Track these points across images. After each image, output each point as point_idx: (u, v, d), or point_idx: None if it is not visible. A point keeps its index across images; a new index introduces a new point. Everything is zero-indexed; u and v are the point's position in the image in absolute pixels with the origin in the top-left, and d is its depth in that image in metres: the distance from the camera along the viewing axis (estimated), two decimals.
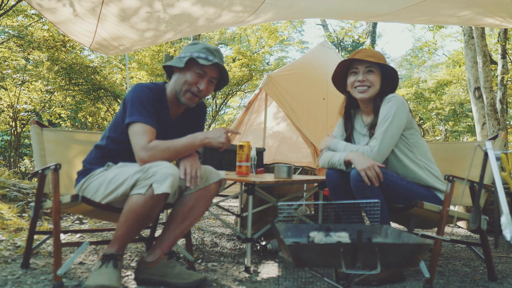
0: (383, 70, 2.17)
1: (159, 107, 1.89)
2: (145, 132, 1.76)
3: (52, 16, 3.28)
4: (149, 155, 1.71)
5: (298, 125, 5.03)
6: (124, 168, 1.77)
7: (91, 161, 1.94)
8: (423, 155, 2.14)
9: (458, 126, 12.11)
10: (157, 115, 1.87)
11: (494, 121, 6.13)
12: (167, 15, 3.37)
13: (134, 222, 1.65)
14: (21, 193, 3.62)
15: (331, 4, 3.40)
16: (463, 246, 2.93)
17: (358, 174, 1.94)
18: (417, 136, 2.16)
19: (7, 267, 1.96)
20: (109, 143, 1.93)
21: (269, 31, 11.01)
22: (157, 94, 1.90)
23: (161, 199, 1.65)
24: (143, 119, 1.77)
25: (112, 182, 1.74)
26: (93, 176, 1.86)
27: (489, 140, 2.30)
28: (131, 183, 1.66)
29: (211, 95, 11.14)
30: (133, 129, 1.77)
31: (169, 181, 1.62)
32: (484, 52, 6.29)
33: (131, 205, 1.64)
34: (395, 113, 2.04)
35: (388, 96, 2.12)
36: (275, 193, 2.99)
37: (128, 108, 1.81)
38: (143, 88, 1.86)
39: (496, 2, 2.91)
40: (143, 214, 1.64)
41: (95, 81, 8.36)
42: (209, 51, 1.90)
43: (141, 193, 1.62)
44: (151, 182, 1.62)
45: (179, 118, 2.02)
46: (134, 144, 1.75)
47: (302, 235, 1.63)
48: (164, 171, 1.63)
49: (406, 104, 2.11)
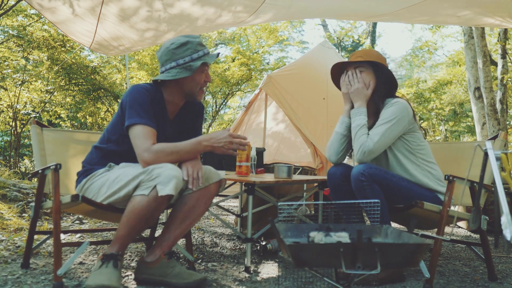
0: (376, 68, 2.15)
1: (157, 107, 1.88)
2: (146, 134, 1.75)
3: (52, 16, 3.28)
4: (153, 158, 1.71)
5: (298, 125, 5.03)
6: (127, 169, 1.77)
7: (92, 161, 1.94)
8: (425, 157, 2.14)
9: (458, 126, 12.11)
10: (155, 115, 1.86)
11: (494, 121, 6.13)
12: (167, 15, 3.37)
13: (136, 223, 1.65)
14: (21, 193, 3.62)
15: (331, 4, 3.40)
16: (463, 246, 2.93)
17: (359, 174, 1.94)
18: (419, 138, 2.15)
19: (7, 267, 1.96)
20: (109, 145, 1.92)
21: (268, 31, 11.00)
22: (154, 94, 1.88)
23: (165, 201, 1.65)
24: (143, 120, 1.77)
25: (115, 183, 1.73)
26: (95, 176, 1.86)
27: (489, 140, 2.30)
28: (135, 184, 1.66)
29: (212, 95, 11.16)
30: (134, 132, 1.76)
31: (173, 183, 1.62)
32: (484, 52, 6.29)
33: (134, 205, 1.64)
34: (396, 118, 2.03)
35: (393, 100, 2.10)
36: (275, 193, 2.99)
37: (127, 110, 1.79)
38: (140, 89, 1.85)
39: (496, 2, 2.91)
40: (146, 215, 1.64)
41: (95, 81, 8.36)
42: (202, 45, 1.89)
43: (145, 194, 1.62)
44: (155, 183, 1.62)
45: (176, 117, 2.01)
46: (137, 146, 1.74)
47: (302, 235, 1.63)
48: (169, 172, 1.63)
49: (409, 109, 2.09)
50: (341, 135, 2.19)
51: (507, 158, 1.65)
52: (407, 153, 2.12)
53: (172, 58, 1.86)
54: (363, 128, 2.07)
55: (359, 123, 2.08)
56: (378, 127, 2.04)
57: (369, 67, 2.15)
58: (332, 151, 2.21)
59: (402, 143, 2.12)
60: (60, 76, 7.97)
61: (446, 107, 11.24)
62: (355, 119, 2.10)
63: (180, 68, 1.85)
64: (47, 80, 7.99)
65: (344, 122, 2.20)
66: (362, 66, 2.14)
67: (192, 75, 1.87)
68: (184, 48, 1.86)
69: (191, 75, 1.86)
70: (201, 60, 1.86)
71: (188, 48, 1.86)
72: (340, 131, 2.19)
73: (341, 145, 2.19)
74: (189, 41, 1.87)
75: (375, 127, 2.06)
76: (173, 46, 1.87)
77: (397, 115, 2.04)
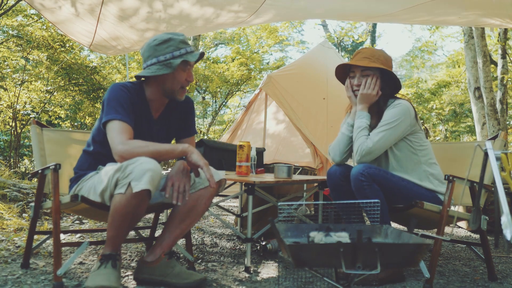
0: (382, 70, 2.14)
1: (138, 105, 1.85)
2: (121, 128, 1.71)
3: (52, 16, 3.28)
4: (126, 149, 1.65)
5: (298, 125, 5.03)
6: (107, 169, 1.73)
7: (83, 167, 1.93)
8: (426, 158, 2.14)
9: (458, 126, 12.11)
10: (137, 114, 1.83)
11: (494, 121, 6.13)
12: (166, 15, 3.37)
13: (121, 223, 1.62)
14: (21, 193, 3.62)
15: (331, 5, 3.40)
16: (463, 246, 2.93)
17: (359, 174, 1.94)
18: (422, 139, 2.16)
19: (7, 267, 1.96)
20: (95, 147, 1.91)
21: (268, 31, 11.01)
22: (134, 92, 1.85)
23: (143, 196, 1.59)
24: (119, 116, 1.73)
25: (99, 184, 1.72)
26: (84, 181, 1.85)
27: (489, 140, 2.30)
28: (113, 183, 1.62)
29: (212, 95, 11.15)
30: (110, 126, 1.72)
31: (147, 177, 1.56)
32: (484, 52, 6.29)
33: (115, 205, 1.60)
34: (397, 120, 2.03)
35: (395, 101, 2.10)
36: (275, 193, 2.99)
37: (105, 107, 1.77)
38: (118, 87, 1.82)
39: (496, 2, 2.91)
40: (128, 214, 1.60)
41: (94, 81, 8.36)
42: (185, 43, 1.84)
43: (122, 193, 1.58)
44: (129, 180, 1.57)
45: (162, 115, 1.98)
46: (112, 140, 1.70)
47: (302, 235, 1.63)
48: (141, 167, 1.57)
49: (411, 111, 2.09)
50: (347, 136, 2.18)
51: (507, 158, 1.65)
52: (409, 153, 2.12)
53: (153, 54, 1.83)
54: (364, 130, 2.08)
55: (361, 125, 2.09)
56: (379, 129, 2.04)
57: (375, 70, 2.13)
58: (337, 152, 2.20)
59: (405, 143, 2.12)
60: (60, 76, 7.97)
61: (446, 107, 11.24)
62: (357, 121, 2.11)
63: (160, 65, 1.81)
64: (47, 80, 7.99)
65: (350, 123, 2.19)
66: (368, 69, 2.12)
67: (173, 73, 1.83)
68: (166, 45, 1.82)
69: (171, 72, 1.82)
70: (182, 58, 1.81)
71: (170, 45, 1.82)
72: (347, 133, 2.19)
73: (346, 146, 2.19)
74: (172, 38, 1.83)
75: (376, 129, 2.06)
76: (155, 42, 1.83)
77: (399, 117, 2.04)
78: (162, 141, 1.97)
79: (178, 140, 2.07)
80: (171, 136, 2.06)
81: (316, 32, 46.57)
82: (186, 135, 2.06)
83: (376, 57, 2.13)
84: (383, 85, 2.14)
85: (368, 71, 2.12)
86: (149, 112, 1.91)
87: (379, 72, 2.14)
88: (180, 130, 2.05)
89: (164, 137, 2.01)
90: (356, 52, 2.21)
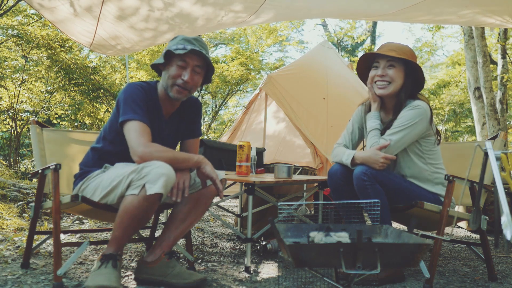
0: (408, 65, 2.10)
1: (151, 105, 1.87)
2: (141, 129, 1.73)
3: (51, 15, 3.28)
4: (148, 151, 1.67)
5: (298, 125, 5.03)
6: (119, 169, 1.74)
7: (88, 163, 1.93)
8: (433, 162, 2.13)
9: (458, 126, 12.12)
10: (150, 114, 1.85)
11: (494, 121, 6.14)
12: (166, 15, 3.37)
13: (129, 223, 1.63)
14: (21, 193, 3.62)
15: (331, 4, 3.40)
16: (463, 246, 2.93)
17: (361, 173, 1.94)
18: (432, 144, 2.13)
19: (7, 267, 1.96)
20: (105, 145, 1.91)
21: (268, 31, 11.00)
22: (149, 92, 1.88)
23: (155, 199, 1.61)
24: (138, 116, 1.75)
25: (108, 184, 1.72)
26: (90, 178, 1.85)
27: (489, 140, 2.30)
28: (126, 184, 1.63)
29: (211, 94, 11.14)
30: (129, 127, 1.73)
31: (161, 181, 1.58)
32: (484, 52, 6.29)
33: (125, 206, 1.61)
34: (413, 123, 2.02)
35: (415, 102, 2.06)
36: (275, 193, 2.99)
37: (122, 107, 1.78)
38: (135, 86, 1.84)
39: (497, 2, 2.91)
40: (138, 215, 1.62)
41: (94, 81, 8.36)
42: (187, 41, 1.86)
43: (135, 194, 1.59)
44: (144, 182, 1.58)
45: (172, 116, 1.99)
46: (131, 141, 1.71)
47: (302, 235, 1.63)
48: (157, 170, 1.59)
49: (428, 114, 2.06)
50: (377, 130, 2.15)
51: (507, 158, 1.65)
52: (416, 156, 2.11)
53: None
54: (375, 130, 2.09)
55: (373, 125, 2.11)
56: (394, 131, 2.03)
57: (401, 64, 2.10)
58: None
59: (413, 145, 2.11)
60: (60, 76, 7.97)
61: (446, 107, 11.25)
62: (369, 122, 2.14)
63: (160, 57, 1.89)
64: (47, 80, 7.99)
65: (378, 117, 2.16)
66: (393, 61, 2.09)
67: (167, 68, 1.87)
68: (171, 41, 1.90)
69: (166, 67, 1.87)
70: (176, 51, 1.81)
71: (173, 40, 1.88)
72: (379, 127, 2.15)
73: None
74: (178, 36, 1.89)
75: (391, 130, 2.04)
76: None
77: (415, 120, 2.02)
78: (170, 141, 1.99)
79: (183, 141, 2.08)
80: (178, 137, 2.06)
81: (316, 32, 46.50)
82: (191, 136, 2.07)
83: (403, 51, 2.09)
84: (406, 81, 2.10)
85: (394, 62, 2.09)
86: (160, 112, 1.93)
87: (404, 67, 2.10)
88: (187, 132, 2.06)
89: (173, 137, 2.01)
90: (382, 45, 2.16)
